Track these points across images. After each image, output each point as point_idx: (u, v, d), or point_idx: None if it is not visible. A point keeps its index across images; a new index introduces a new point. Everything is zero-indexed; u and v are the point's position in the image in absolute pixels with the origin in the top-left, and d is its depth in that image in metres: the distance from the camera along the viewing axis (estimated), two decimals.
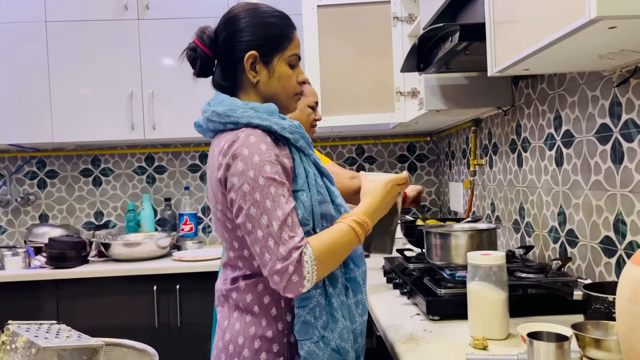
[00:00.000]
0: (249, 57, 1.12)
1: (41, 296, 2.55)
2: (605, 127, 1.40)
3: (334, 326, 1.08)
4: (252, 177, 1.01)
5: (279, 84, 1.15)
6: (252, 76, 1.13)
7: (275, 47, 1.13)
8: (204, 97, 3.01)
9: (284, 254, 0.99)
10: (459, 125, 2.64)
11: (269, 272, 1.00)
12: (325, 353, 1.06)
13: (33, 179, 3.16)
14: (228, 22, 1.15)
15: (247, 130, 1.06)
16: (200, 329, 2.57)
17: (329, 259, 1.04)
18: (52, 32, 2.75)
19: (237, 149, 1.04)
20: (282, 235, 1.00)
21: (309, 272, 1.00)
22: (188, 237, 3.03)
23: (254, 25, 1.13)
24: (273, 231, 1.00)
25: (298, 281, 0.99)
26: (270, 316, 1.10)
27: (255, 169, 1.02)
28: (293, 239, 1.00)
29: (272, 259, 1.00)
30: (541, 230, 1.79)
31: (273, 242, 1.00)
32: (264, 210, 1.01)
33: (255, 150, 1.03)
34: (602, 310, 1.10)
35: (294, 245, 0.99)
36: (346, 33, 2.44)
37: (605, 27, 0.88)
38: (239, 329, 1.11)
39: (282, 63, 1.15)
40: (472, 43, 1.44)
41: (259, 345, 1.08)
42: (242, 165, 1.02)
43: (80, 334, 1.24)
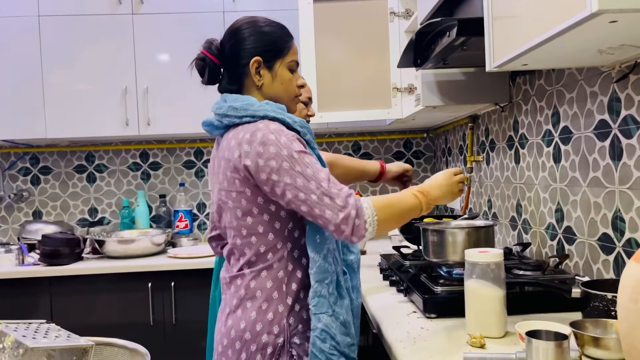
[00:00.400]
0: (254, 62, 1.23)
1: (35, 293, 2.53)
2: (604, 123, 1.39)
3: (342, 302, 1.19)
4: (287, 154, 1.12)
5: (281, 87, 1.27)
6: (257, 80, 1.25)
7: (276, 53, 1.25)
8: (199, 93, 2.99)
9: (342, 203, 1.09)
10: (456, 122, 2.63)
11: (335, 225, 1.09)
12: (337, 325, 1.17)
13: (26, 175, 3.13)
14: (233, 33, 1.27)
15: (265, 122, 1.16)
16: (195, 326, 2.56)
17: (389, 212, 1.14)
18: (46, 26, 2.72)
19: (264, 137, 1.13)
20: (332, 190, 1.10)
21: (370, 216, 1.10)
22: (183, 233, 3.01)
23: (257, 34, 1.25)
24: (325, 190, 1.10)
25: (360, 224, 1.09)
26: (271, 299, 1.18)
27: (286, 147, 1.12)
28: (343, 190, 1.11)
29: (333, 212, 1.09)
30: (538, 227, 1.78)
31: (328, 199, 1.09)
32: (309, 177, 1.11)
33: (280, 134, 1.14)
34: (600, 308, 1.09)
35: (346, 194, 1.11)
36: (342, 29, 2.42)
37: (606, 21, 0.87)
38: (241, 315, 1.18)
39: (283, 68, 1.26)
40: (469, 38, 1.42)
41: (261, 328, 1.16)
42: (274, 148, 1.12)
43: (70, 334, 1.22)
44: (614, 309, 1.07)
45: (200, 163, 3.19)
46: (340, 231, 1.09)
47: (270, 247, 1.18)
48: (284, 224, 1.19)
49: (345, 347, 1.18)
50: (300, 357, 1.18)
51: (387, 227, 1.16)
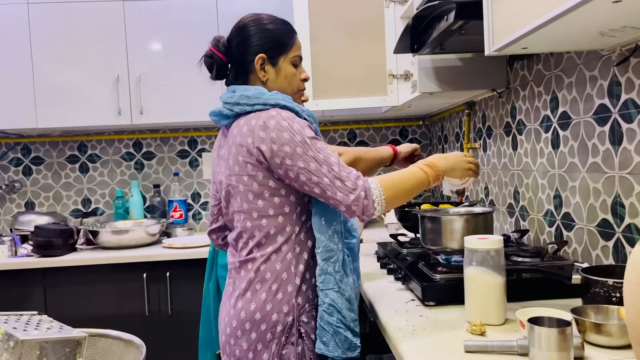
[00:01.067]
0: (259, 59, 1.30)
1: (28, 285, 2.50)
2: (604, 107, 1.37)
3: (347, 280, 1.25)
4: (300, 140, 1.19)
5: (285, 81, 1.33)
6: (262, 75, 1.31)
7: (280, 49, 1.32)
8: (192, 81, 2.95)
9: (352, 185, 1.17)
10: (452, 109, 2.61)
11: (346, 206, 1.17)
12: (342, 301, 1.22)
13: (18, 166, 3.09)
14: (239, 30, 1.33)
15: (277, 110, 1.23)
16: (191, 317, 2.54)
17: (396, 189, 1.21)
18: (35, 13, 2.67)
19: (278, 124, 1.20)
20: (342, 173, 1.18)
21: (377, 196, 1.18)
22: (178, 224, 2.98)
23: (261, 32, 1.31)
24: (336, 173, 1.18)
25: (368, 204, 1.17)
26: (281, 280, 1.23)
27: (299, 133, 1.19)
28: (351, 173, 1.19)
29: (344, 194, 1.17)
30: (536, 213, 1.77)
31: (339, 181, 1.17)
32: (321, 161, 1.18)
33: (292, 122, 1.21)
34: (601, 294, 1.08)
35: (355, 176, 1.18)
36: (337, 15, 2.38)
37: (610, 1, 0.85)
38: (250, 297, 1.24)
39: (287, 63, 1.33)
40: (468, 22, 1.40)
41: (270, 308, 1.22)
42: (287, 134, 1.19)
43: (62, 325, 1.20)
44: (614, 295, 1.06)
45: (194, 152, 3.16)
46: (352, 211, 1.17)
47: (279, 230, 1.24)
48: (293, 207, 1.25)
49: (351, 322, 1.23)
50: (307, 334, 1.24)
51: (396, 203, 1.23)
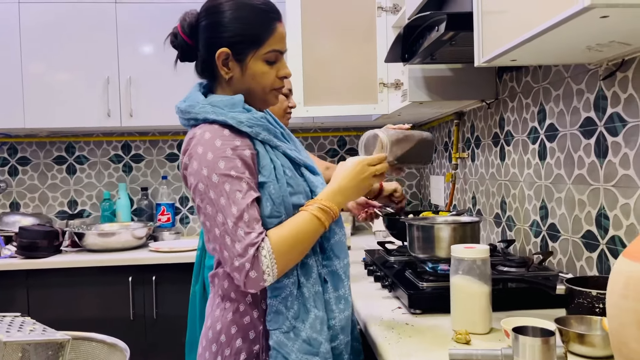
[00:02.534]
0: (220, 53, 1.10)
1: (11, 287, 2.47)
2: (590, 120, 1.39)
3: (305, 317, 1.07)
4: (206, 175, 1.02)
5: (252, 81, 1.13)
6: (224, 72, 1.12)
7: (250, 44, 1.10)
8: (183, 84, 2.93)
9: (240, 251, 0.99)
10: (442, 118, 2.63)
11: (230, 269, 1.02)
12: (295, 344, 1.05)
13: (4, 166, 3.06)
14: (208, 11, 1.12)
15: (203, 127, 1.07)
16: (176, 321, 2.52)
17: (291, 250, 1.04)
18: (26, 13, 2.65)
19: (193, 148, 1.05)
20: (238, 232, 1.00)
21: (268, 266, 1.00)
22: (165, 227, 2.96)
23: (232, 21, 1.09)
24: (228, 229, 1.00)
25: (257, 277, 1.00)
26: (246, 303, 1.10)
27: (208, 167, 1.02)
28: (249, 235, 1.00)
29: (229, 256, 1.01)
30: (523, 224, 1.78)
31: (229, 239, 1.00)
32: (219, 208, 1.01)
33: (209, 148, 1.03)
34: (585, 305, 1.09)
35: (249, 242, 0.99)
36: (330, 22, 2.40)
37: (598, 16, 0.86)
38: (218, 316, 1.13)
39: (257, 60, 1.11)
40: (458, 33, 1.41)
41: (235, 331, 1.09)
42: (196, 164, 1.03)
43: (46, 328, 1.19)
44: (598, 306, 1.07)
45: None
46: (235, 278, 1.01)
47: None
48: None
49: None
50: None
51: (291, 265, 1.05)
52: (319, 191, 1.14)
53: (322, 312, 1.09)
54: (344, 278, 1.15)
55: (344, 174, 1.13)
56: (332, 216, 1.09)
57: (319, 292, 1.10)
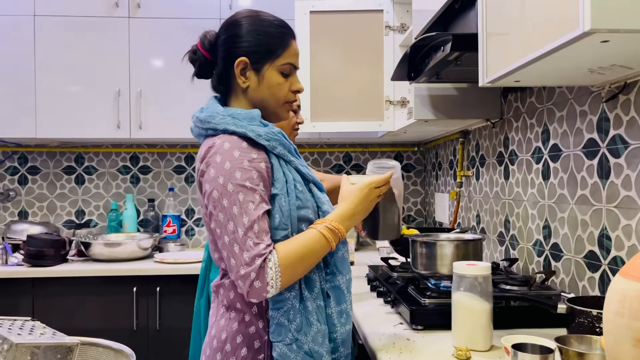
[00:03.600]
0: (239, 62, 1.15)
1: (17, 294, 2.49)
2: (593, 142, 1.41)
3: (308, 329, 1.09)
4: (222, 183, 1.05)
5: (267, 91, 1.17)
6: (241, 82, 1.16)
7: (266, 54, 1.15)
8: (192, 97, 2.99)
9: (248, 260, 1.01)
10: (447, 137, 2.65)
11: (234, 277, 1.03)
12: (298, 356, 1.08)
13: (14, 175, 3.10)
14: (227, 26, 1.19)
15: (223, 137, 1.10)
16: (179, 333, 2.53)
17: (296, 265, 1.05)
18: (41, 26, 2.71)
19: (211, 156, 1.08)
20: (247, 242, 1.02)
21: (273, 278, 1.02)
22: (170, 239, 2.99)
23: (250, 33, 1.15)
24: (238, 237, 1.03)
25: (261, 287, 1.01)
26: (252, 314, 1.12)
27: (225, 175, 1.05)
28: (258, 246, 1.02)
29: (236, 264, 1.03)
30: (526, 243, 1.79)
31: (238, 248, 1.02)
32: (231, 217, 1.04)
33: (227, 157, 1.06)
34: (585, 325, 1.10)
35: (257, 252, 1.02)
36: (338, 40, 2.44)
37: (598, 40, 0.89)
38: (223, 325, 1.14)
39: (273, 71, 1.16)
40: (463, 53, 1.44)
41: (241, 340, 1.11)
42: (213, 172, 1.06)
43: (55, 332, 1.21)
44: (598, 326, 1.08)
45: (190, 168, 3.18)
46: (239, 286, 1.03)
47: None
48: None
49: None
50: None
51: (295, 279, 1.07)
52: (325, 208, 1.17)
53: (324, 325, 1.12)
54: (346, 293, 1.17)
55: (352, 198, 1.18)
56: (339, 237, 1.12)
57: (321, 306, 1.13)
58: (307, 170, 1.19)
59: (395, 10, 2.40)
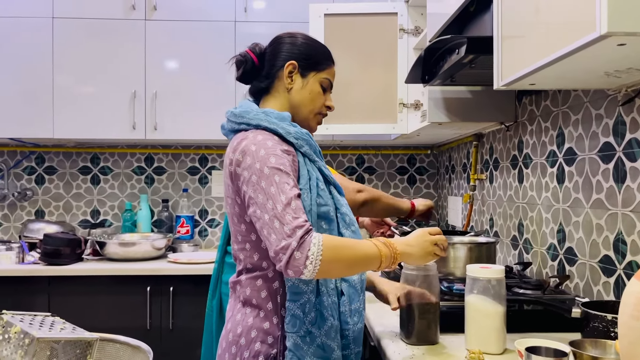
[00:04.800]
0: (289, 64, 1.27)
1: (33, 292, 2.53)
2: (609, 145, 1.40)
3: (322, 323, 1.14)
4: (259, 168, 1.10)
5: (308, 96, 1.28)
6: (287, 82, 1.27)
7: (314, 64, 1.29)
8: (207, 99, 3.02)
9: (289, 232, 1.03)
10: (461, 139, 2.64)
11: (275, 251, 1.03)
12: (311, 348, 1.12)
13: (31, 175, 3.15)
14: (278, 38, 1.32)
15: (255, 131, 1.17)
16: (192, 333, 2.55)
17: (339, 256, 1.05)
18: (59, 28, 2.76)
19: (246, 146, 1.14)
20: (286, 217, 1.04)
21: (314, 254, 1.01)
22: (184, 239, 3.01)
23: (303, 44, 1.30)
24: (278, 213, 1.05)
25: (300, 258, 1.01)
26: (267, 309, 1.16)
27: (261, 161, 1.11)
28: (297, 219, 1.04)
29: (277, 238, 1.04)
30: (540, 247, 1.78)
31: (278, 223, 1.05)
32: (270, 196, 1.07)
33: (261, 146, 1.12)
34: (600, 329, 1.09)
35: (297, 224, 1.03)
36: (352, 43, 2.45)
37: (615, 43, 0.88)
38: (239, 320, 1.18)
39: (316, 81, 1.29)
40: (478, 56, 1.44)
41: (255, 335, 1.15)
42: (250, 159, 1.12)
43: (75, 327, 1.23)
44: (613, 330, 1.07)
45: (204, 169, 3.20)
46: (278, 259, 1.03)
47: (263, 256, 1.17)
48: None
49: None
50: None
51: (334, 270, 1.07)
52: (343, 210, 1.23)
53: (337, 321, 1.16)
54: (360, 292, 1.21)
55: (410, 235, 1.20)
56: (392, 254, 1.12)
57: (335, 303, 1.17)
58: (328, 172, 1.25)
59: (410, 13, 2.40)
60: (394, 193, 3.23)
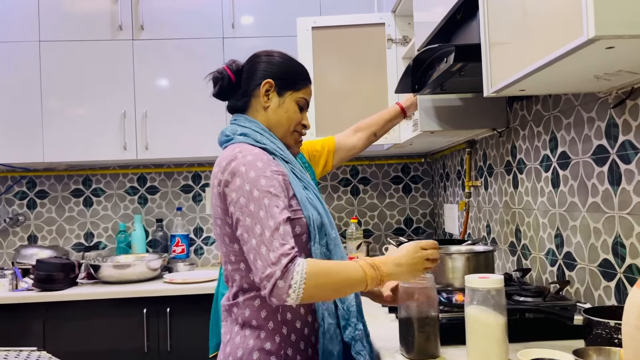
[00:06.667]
0: (266, 83, 1.28)
1: (28, 319, 2.49)
2: (602, 148, 1.39)
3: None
4: (248, 190, 1.10)
5: (285, 115, 1.29)
6: (264, 101, 1.28)
7: (290, 83, 1.30)
8: (197, 117, 3.01)
9: (274, 260, 1.04)
10: (454, 147, 2.64)
11: (260, 277, 1.05)
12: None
13: (23, 199, 3.11)
14: (255, 56, 1.33)
15: (244, 150, 1.17)
16: (191, 353, 2.51)
17: (323, 281, 1.07)
18: (46, 51, 2.74)
19: (235, 167, 1.13)
20: (273, 243, 1.06)
21: (297, 282, 1.03)
22: (179, 258, 2.98)
23: (280, 63, 1.31)
24: (265, 239, 1.06)
25: (283, 287, 1.02)
26: (268, 329, 1.16)
27: (250, 183, 1.11)
28: (283, 247, 1.05)
29: (263, 264, 1.05)
30: (538, 252, 1.77)
31: (265, 249, 1.05)
32: (258, 220, 1.08)
33: (251, 167, 1.13)
34: (603, 336, 1.07)
35: (283, 252, 1.05)
36: (340, 55, 2.44)
37: (603, 47, 0.87)
38: (239, 343, 1.17)
39: (292, 100, 1.30)
40: (467, 64, 1.43)
41: (257, 357, 1.14)
42: (239, 180, 1.12)
43: None
44: (617, 337, 1.05)
45: (197, 187, 3.18)
46: (262, 286, 1.05)
47: None
48: None
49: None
50: None
51: (318, 296, 1.09)
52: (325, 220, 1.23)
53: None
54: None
55: (399, 251, 1.21)
56: (378, 275, 1.13)
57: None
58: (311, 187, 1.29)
59: (397, 23, 2.40)
60: (390, 203, 3.22)
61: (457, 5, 1.47)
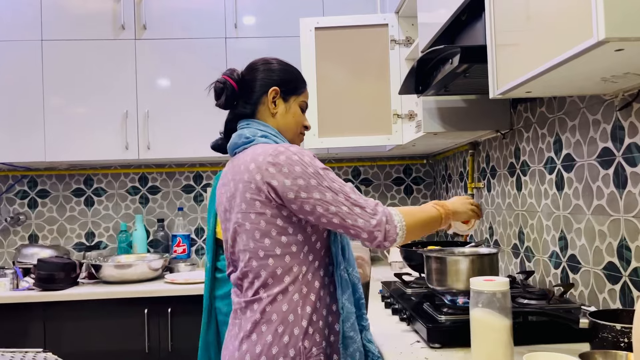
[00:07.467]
0: (273, 90, 1.33)
1: (28, 319, 2.48)
2: (608, 151, 1.38)
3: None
4: (313, 172, 1.19)
5: (292, 119, 1.36)
6: (272, 108, 1.34)
7: (294, 89, 1.37)
8: (199, 117, 3.00)
9: (372, 212, 1.17)
10: (456, 148, 2.63)
11: (368, 232, 1.16)
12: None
13: (24, 199, 3.11)
14: (254, 64, 1.37)
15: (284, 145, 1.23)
16: (191, 354, 2.50)
17: (413, 216, 1.22)
18: (48, 51, 2.74)
19: (288, 158, 1.19)
20: (361, 200, 1.18)
21: (399, 221, 1.18)
22: (181, 258, 2.97)
23: (282, 70, 1.36)
24: (354, 200, 1.17)
25: (390, 229, 1.17)
26: (287, 322, 1.19)
27: (311, 165, 1.20)
28: (369, 200, 1.19)
29: (365, 220, 1.16)
30: (542, 255, 1.76)
31: (359, 208, 1.17)
32: (337, 191, 1.18)
33: (302, 155, 1.21)
34: (609, 339, 1.06)
35: (374, 203, 1.19)
36: (344, 55, 2.44)
37: (612, 49, 0.87)
38: (255, 339, 1.20)
39: (296, 103, 1.37)
40: (472, 65, 1.43)
41: (276, 351, 1.18)
42: (299, 167, 1.19)
43: None
44: (623, 340, 1.04)
45: (199, 187, 3.17)
46: (373, 237, 1.16)
47: (286, 270, 1.21)
48: (300, 246, 1.22)
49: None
50: None
51: (414, 234, 1.22)
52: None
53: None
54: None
55: (453, 199, 1.44)
56: (446, 212, 1.32)
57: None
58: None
59: (400, 24, 2.40)
60: (391, 204, 3.21)
61: (462, 6, 1.46)
